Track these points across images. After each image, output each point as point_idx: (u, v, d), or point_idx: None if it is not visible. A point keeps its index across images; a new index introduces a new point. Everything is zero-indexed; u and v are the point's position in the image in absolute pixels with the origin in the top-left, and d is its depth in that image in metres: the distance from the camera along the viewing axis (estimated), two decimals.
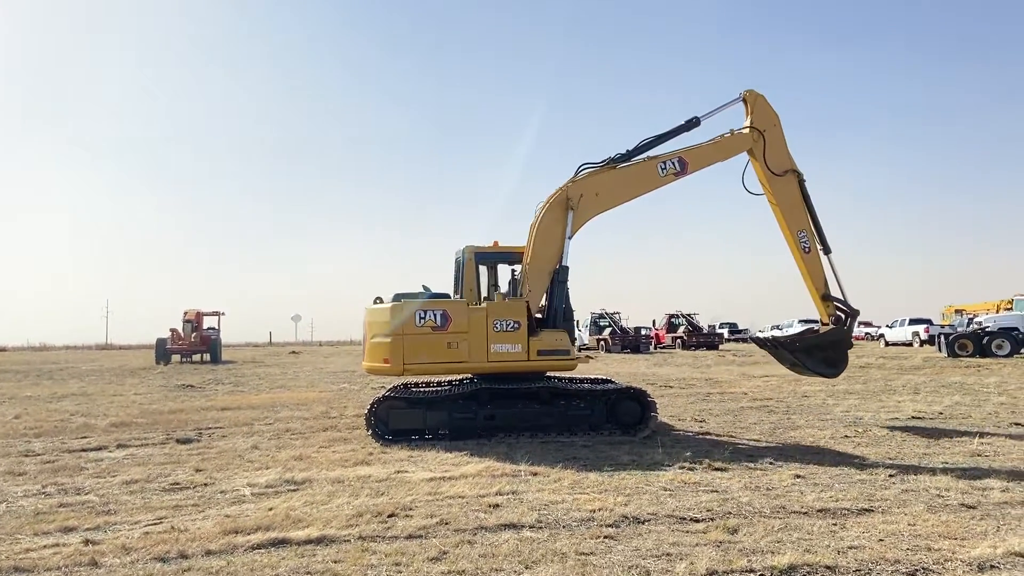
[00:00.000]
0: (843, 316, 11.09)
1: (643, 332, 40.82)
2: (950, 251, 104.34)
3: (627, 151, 10.71)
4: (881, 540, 5.11)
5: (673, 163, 10.81)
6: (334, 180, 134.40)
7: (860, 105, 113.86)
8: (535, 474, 7.42)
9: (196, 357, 34.25)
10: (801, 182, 11.09)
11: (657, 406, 10.34)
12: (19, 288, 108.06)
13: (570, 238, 10.15)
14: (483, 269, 10.88)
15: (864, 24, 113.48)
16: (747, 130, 11.07)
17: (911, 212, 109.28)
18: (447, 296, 10.42)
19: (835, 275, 11.04)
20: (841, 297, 11.07)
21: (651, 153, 10.83)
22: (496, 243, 10.67)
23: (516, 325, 9.83)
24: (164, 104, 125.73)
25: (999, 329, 27.66)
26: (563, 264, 10.11)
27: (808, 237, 11.00)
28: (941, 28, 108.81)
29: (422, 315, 9.81)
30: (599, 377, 11.09)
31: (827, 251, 11.05)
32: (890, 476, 7.14)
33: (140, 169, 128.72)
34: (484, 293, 10.80)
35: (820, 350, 11.19)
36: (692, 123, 10.99)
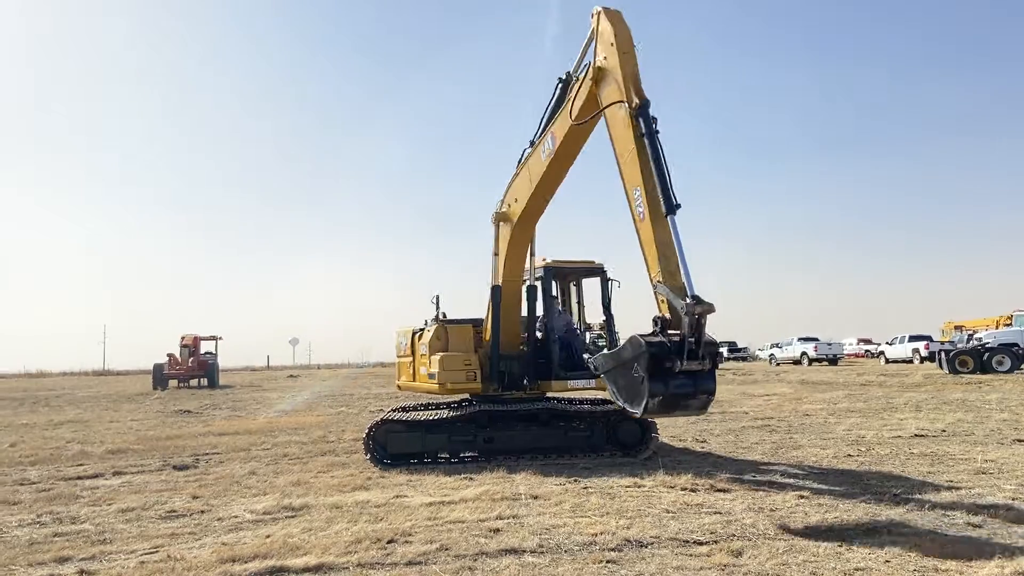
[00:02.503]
0: (666, 319, 6.19)
1: None
2: (948, 267, 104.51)
3: (531, 141, 9.28)
4: (887, 562, 5.04)
5: (548, 142, 8.70)
6: (336, 200, 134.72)
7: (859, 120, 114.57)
8: (536, 497, 7.34)
9: (193, 382, 34.08)
10: (641, 117, 6.76)
11: (658, 427, 10.26)
12: (16, 314, 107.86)
13: (496, 255, 9.93)
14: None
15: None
16: (588, 69, 7.70)
17: (911, 228, 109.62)
18: (459, 321, 10.63)
19: (678, 246, 6.36)
20: (678, 287, 6.20)
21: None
22: (543, 259, 10.46)
23: (420, 350, 10.53)
24: (157, 123, 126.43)
25: (999, 345, 27.64)
26: (495, 284, 9.93)
27: (642, 197, 6.69)
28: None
29: (401, 341, 11.44)
30: (598, 398, 11.01)
31: (670, 211, 6.45)
32: (894, 495, 7.07)
33: (137, 194, 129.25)
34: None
35: (621, 371, 6.32)
36: (566, 83, 8.68)
